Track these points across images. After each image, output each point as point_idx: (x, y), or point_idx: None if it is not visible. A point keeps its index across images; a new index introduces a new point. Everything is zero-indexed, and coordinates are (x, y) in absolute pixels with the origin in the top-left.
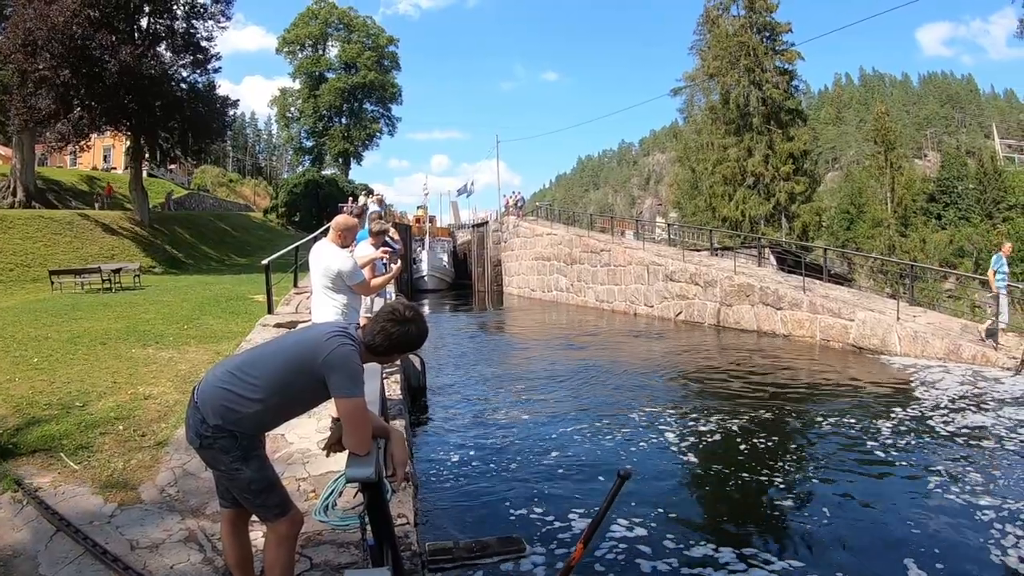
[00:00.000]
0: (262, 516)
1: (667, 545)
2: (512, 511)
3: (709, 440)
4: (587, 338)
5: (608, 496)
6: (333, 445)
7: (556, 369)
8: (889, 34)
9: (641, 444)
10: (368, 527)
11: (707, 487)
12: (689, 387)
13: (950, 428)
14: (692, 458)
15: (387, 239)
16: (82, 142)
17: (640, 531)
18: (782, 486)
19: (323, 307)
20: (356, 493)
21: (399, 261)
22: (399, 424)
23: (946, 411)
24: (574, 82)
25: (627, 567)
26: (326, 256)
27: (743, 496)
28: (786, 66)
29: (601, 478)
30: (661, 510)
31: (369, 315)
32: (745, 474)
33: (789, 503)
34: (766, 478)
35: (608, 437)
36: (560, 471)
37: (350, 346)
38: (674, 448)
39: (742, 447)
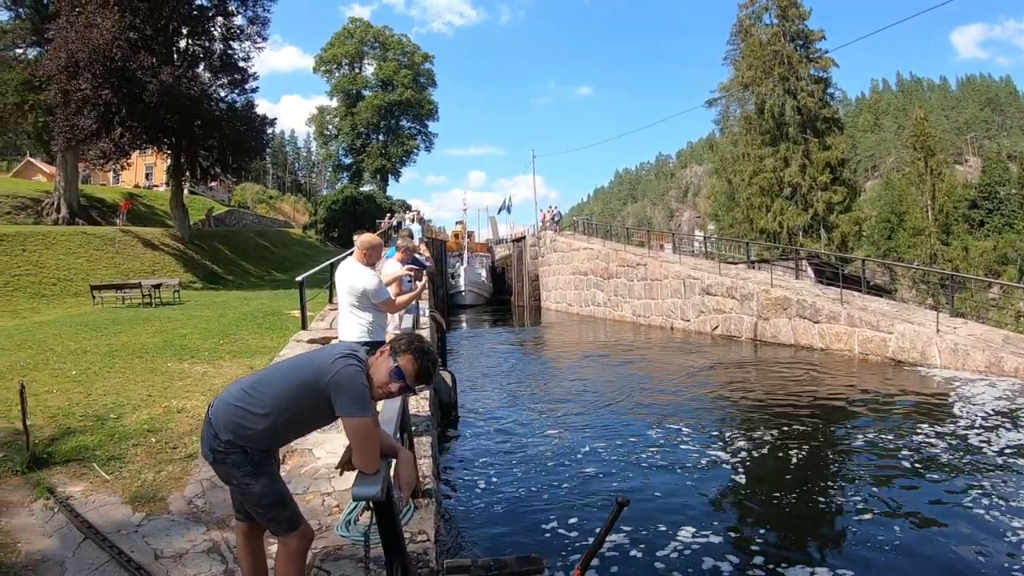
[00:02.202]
0: (273, 530)
1: (725, 552)
2: (537, 529)
3: (748, 456)
4: (623, 354)
5: (606, 523)
6: (345, 464)
7: (590, 386)
8: (924, 38)
9: (670, 464)
10: (374, 545)
11: (749, 502)
12: (726, 403)
13: (989, 445)
14: (734, 475)
15: (415, 255)
16: (124, 160)
17: (713, 538)
18: (821, 503)
19: (349, 325)
20: (362, 510)
21: (424, 278)
22: (426, 440)
23: (983, 428)
24: (608, 95)
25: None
26: (351, 274)
27: (785, 512)
28: (821, 74)
29: (631, 498)
30: (706, 522)
31: (397, 331)
32: (786, 490)
33: (828, 519)
34: (807, 494)
35: (638, 456)
36: (587, 489)
37: (356, 367)
38: (719, 465)
39: (780, 464)
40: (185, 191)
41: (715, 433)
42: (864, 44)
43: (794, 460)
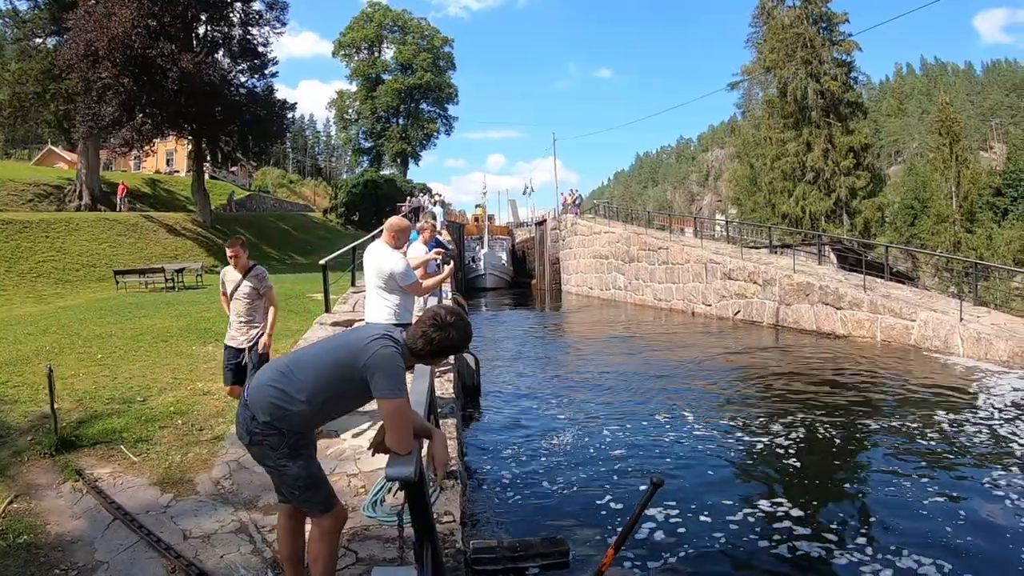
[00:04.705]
0: (307, 510)
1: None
2: (563, 511)
3: (774, 440)
4: (645, 338)
5: (640, 503)
6: (378, 445)
7: (611, 370)
8: (946, 22)
9: (694, 447)
10: (406, 525)
11: (779, 484)
12: (747, 389)
13: (1016, 437)
14: (762, 458)
15: (437, 238)
16: (146, 147)
17: (747, 519)
18: (851, 487)
19: (376, 307)
20: (395, 491)
21: (452, 262)
22: (451, 423)
23: (1005, 419)
24: (629, 78)
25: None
26: (379, 257)
27: (817, 495)
28: (844, 57)
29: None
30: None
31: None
32: (815, 474)
33: (858, 503)
34: (837, 478)
35: (663, 439)
36: (611, 472)
37: (392, 348)
38: (747, 448)
39: (808, 449)
40: (206, 176)
41: (740, 417)
42: (888, 27)
43: (822, 445)
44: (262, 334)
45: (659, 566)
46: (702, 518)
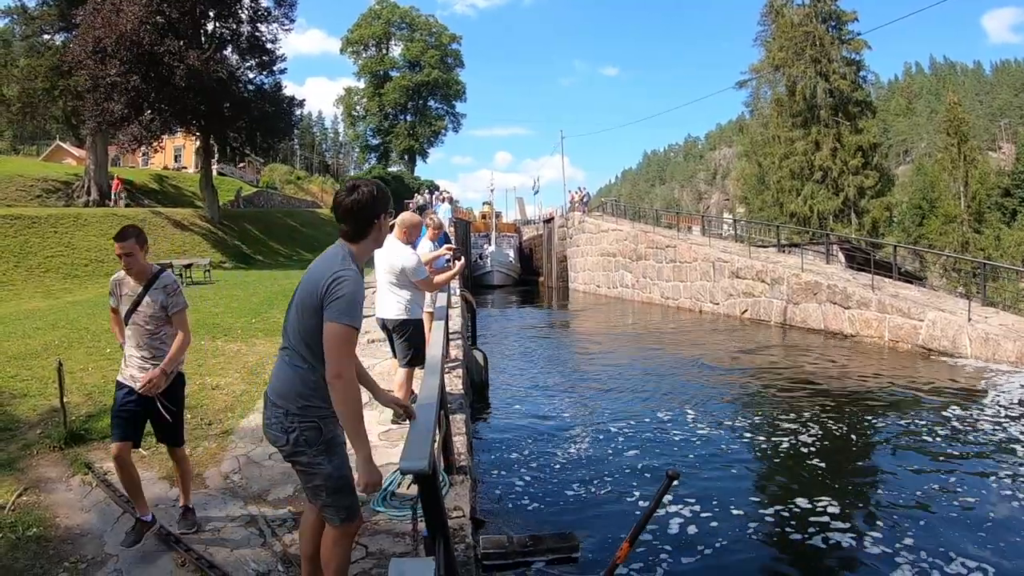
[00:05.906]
0: (329, 516)
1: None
2: (569, 507)
3: (787, 437)
4: (653, 336)
5: (655, 496)
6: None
7: (619, 367)
8: (955, 21)
9: (703, 445)
10: (420, 518)
11: (792, 481)
12: (755, 388)
13: (1020, 434)
14: (775, 454)
15: (446, 233)
16: (154, 143)
17: (762, 512)
18: (867, 486)
19: (388, 302)
20: (408, 485)
21: (462, 258)
22: (460, 418)
23: (1011, 418)
24: (636, 76)
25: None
26: (391, 253)
27: (833, 488)
28: (853, 56)
29: (661, 476)
30: (716, 503)
31: (431, 310)
32: (830, 469)
33: (873, 501)
34: (852, 474)
35: (670, 436)
36: (619, 469)
37: (353, 273)
38: (759, 445)
39: (822, 445)
40: (214, 172)
41: (751, 416)
42: (898, 26)
43: (839, 445)
44: (159, 367)
45: (686, 560)
46: (728, 513)
